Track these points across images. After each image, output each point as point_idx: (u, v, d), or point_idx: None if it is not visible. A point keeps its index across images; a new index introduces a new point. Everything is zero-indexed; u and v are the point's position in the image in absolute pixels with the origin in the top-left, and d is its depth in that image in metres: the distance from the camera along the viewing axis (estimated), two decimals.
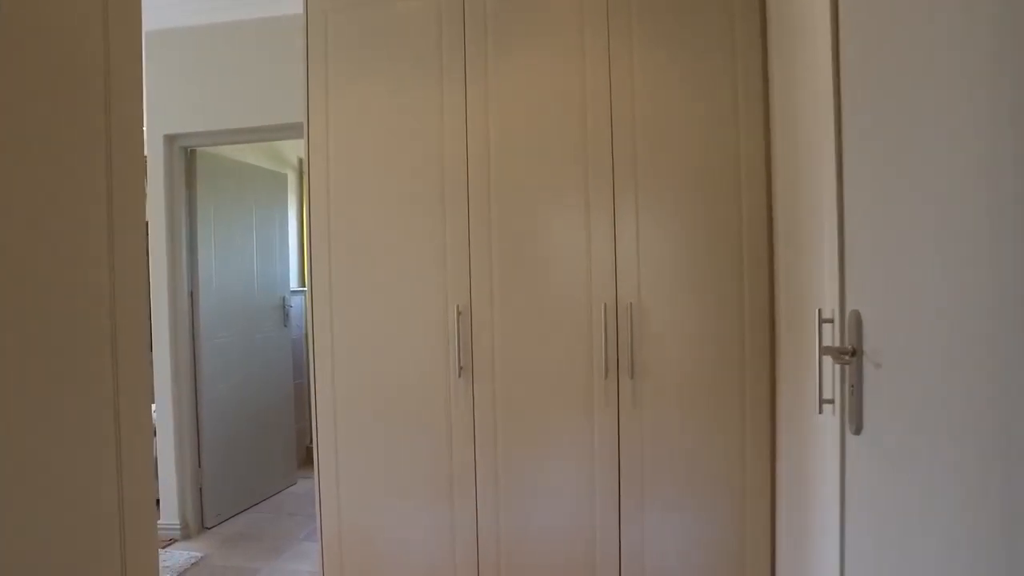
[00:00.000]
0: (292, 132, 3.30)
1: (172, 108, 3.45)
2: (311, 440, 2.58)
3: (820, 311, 1.54)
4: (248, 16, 3.36)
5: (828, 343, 1.52)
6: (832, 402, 1.51)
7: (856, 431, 1.03)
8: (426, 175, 2.39)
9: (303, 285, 4.92)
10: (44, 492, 0.76)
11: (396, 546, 2.43)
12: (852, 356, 1.02)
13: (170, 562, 3.11)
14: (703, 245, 2.20)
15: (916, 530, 0.88)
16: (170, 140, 3.48)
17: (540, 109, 2.30)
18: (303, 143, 2.52)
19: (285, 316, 4.47)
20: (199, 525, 3.59)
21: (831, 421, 1.50)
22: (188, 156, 3.58)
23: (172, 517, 3.47)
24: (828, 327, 1.53)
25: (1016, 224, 0.63)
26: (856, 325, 1.03)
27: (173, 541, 3.43)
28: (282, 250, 4.48)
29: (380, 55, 2.43)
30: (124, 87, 0.92)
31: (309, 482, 2.37)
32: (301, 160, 4.83)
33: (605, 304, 2.24)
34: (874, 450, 1.01)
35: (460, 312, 2.35)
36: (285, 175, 4.54)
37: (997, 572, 0.68)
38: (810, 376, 1.72)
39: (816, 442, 1.62)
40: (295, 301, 4.64)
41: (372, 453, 2.45)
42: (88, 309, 0.84)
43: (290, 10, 3.19)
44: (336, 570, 2.47)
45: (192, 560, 3.15)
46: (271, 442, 4.23)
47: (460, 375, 2.36)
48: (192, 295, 3.59)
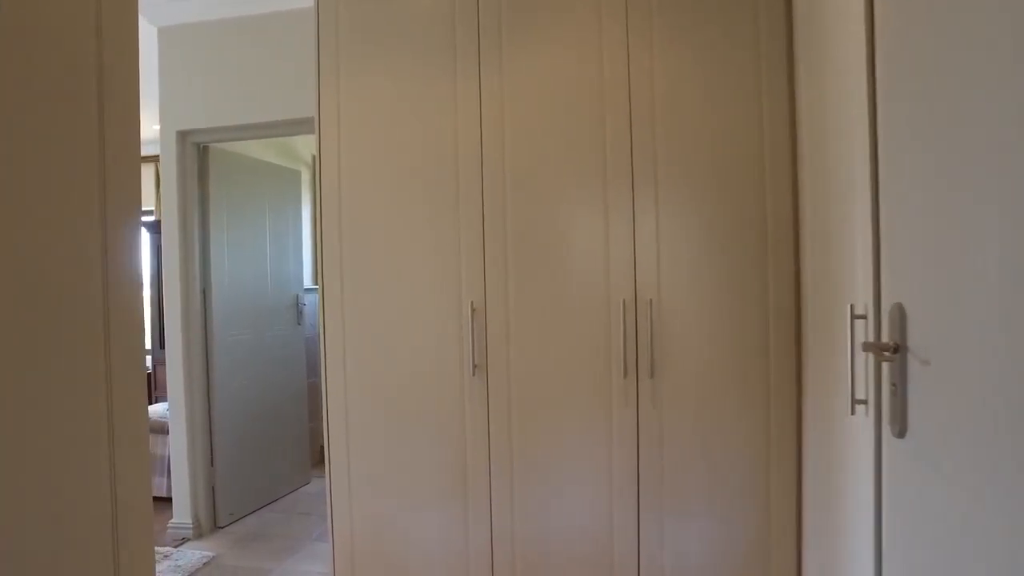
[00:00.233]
0: (304, 127, 3.27)
1: (185, 104, 3.43)
2: (325, 439, 2.53)
3: (852, 307, 1.47)
4: (260, 11, 3.33)
5: (861, 340, 1.45)
6: (865, 403, 1.44)
7: (899, 434, 0.96)
8: (440, 169, 2.33)
9: (317, 283, 4.89)
10: (26, 493, 0.73)
11: (409, 547, 2.37)
12: (894, 353, 0.95)
13: (182, 561, 3.08)
14: (726, 239, 2.12)
15: (966, 546, 0.81)
16: (183, 136, 3.46)
17: (556, 101, 2.24)
18: (315, 138, 2.48)
19: (299, 314, 4.44)
20: (212, 524, 3.57)
21: (864, 423, 1.42)
22: (201, 152, 3.56)
23: (184, 516, 3.45)
24: (861, 323, 1.46)
25: None
26: (899, 319, 0.95)
27: (185, 540, 3.41)
28: (295, 247, 4.45)
29: (392, 48, 2.38)
30: (118, 82, 0.89)
31: (323, 481, 2.35)
32: (314, 157, 4.80)
33: (624, 300, 2.17)
34: (920, 456, 0.94)
35: (474, 309, 2.29)
36: (299, 172, 4.51)
37: None
38: (840, 375, 1.64)
39: (848, 445, 1.54)
40: (309, 299, 4.61)
41: (384, 453, 2.40)
42: (79, 307, 0.81)
43: (302, 4, 3.15)
44: (348, 572, 2.42)
45: (204, 560, 3.12)
46: (284, 441, 4.20)
47: (474, 373, 2.30)
48: (205, 292, 3.57)
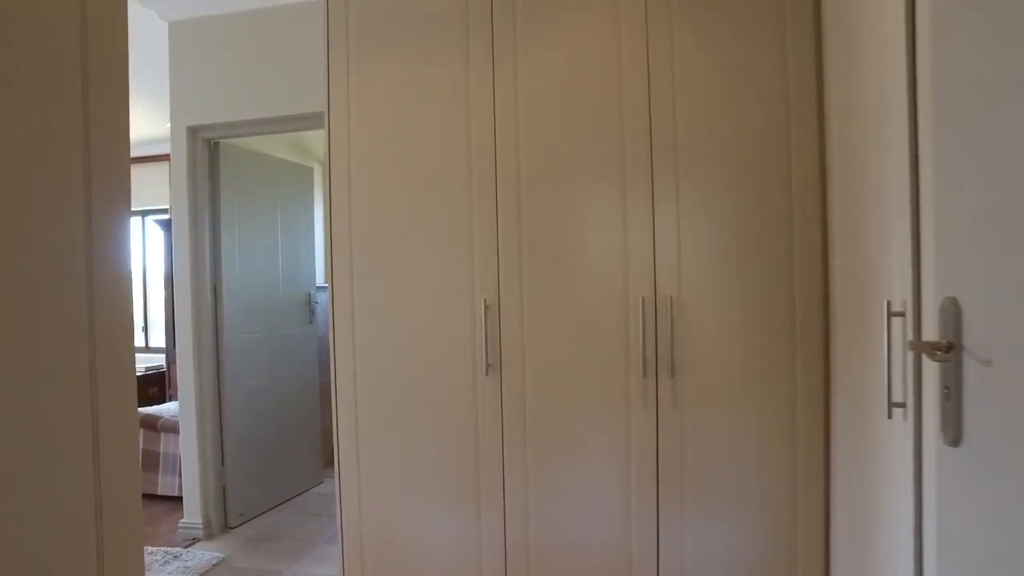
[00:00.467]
0: (316, 122, 3.21)
1: (195, 100, 3.39)
2: (334, 441, 2.47)
3: (889, 303, 1.37)
4: (271, 4, 3.28)
5: (899, 338, 1.36)
6: (903, 406, 1.35)
7: (952, 442, 0.86)
8: (452, 160, 2.26)
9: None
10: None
11: (420, 552, 2.30)
12: (947, 352, 0.86)
13: (192, 562, 3.04)
14: (750, 234, 2.03)
15: None
16: (193, 132, 3.42)
17: (572, 91, 2.15)
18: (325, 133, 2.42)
19: (311, 312, 4.39)
20: (222, 524, 3.52)
21: (903, 428, 1.33)
22: (211, 148, 3.51)
23: (195, 516, 3.41)
24: (898, 320, 1.37)
25: None
26: (953, 316, 0.86)
27: (196, 540, 3.37)
28: (308, 245, 4.41)
29: (403, 36, 2.31)
30: (104, 66, 0.84)
31: (334, 482, 2.32)
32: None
33: (643, 297, 2.09)
34: (978, 467, 0.84)
35: (487, 306, 2.21)
36: (311, 169, 4.46)
37: None
38: (874, 376, 1.55)
39: (884, 451, 1.44)
40: (321, 297, 4.56)
41: (395, 455, 2.33)
42: (60, 302, 0.76)
43: None
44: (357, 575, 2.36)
45: (214, 561, 3.08)
46: (296, 440, 4.16)
47: (487, 373, 2.22)
48: (215, 290, 3.52)
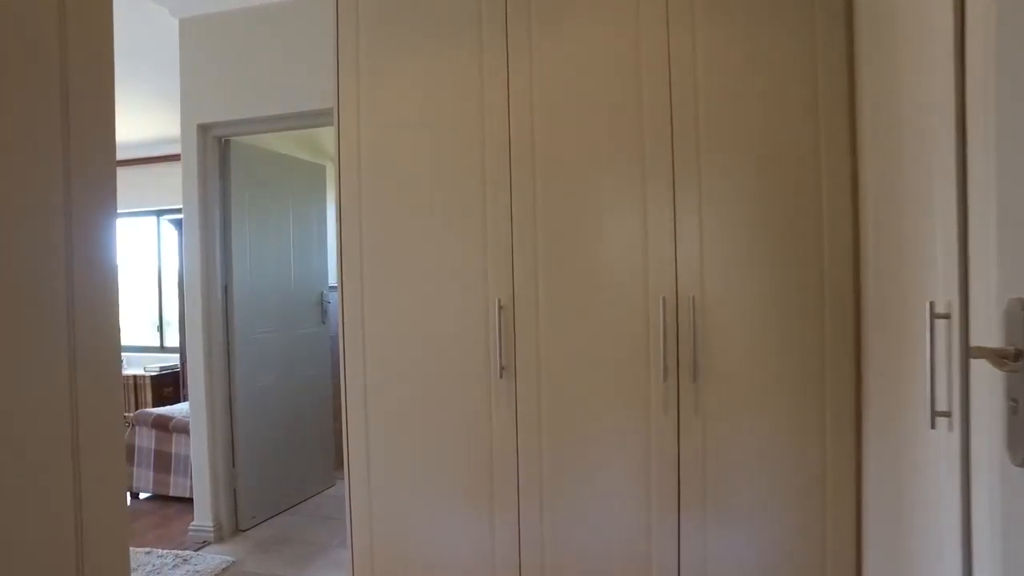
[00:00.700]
0: (327, 118, 3.15)
1: (206, 97, 3.34)
2: (344, 443, 2.40)
3: (932, 304, 1.28)
4: None
5: (942, 342, 1.27)
6: (948, 415, 1.26)
7: (1022, 462, 0.78)
8: (464, 155, 2.19)
9: None
10: None
11: (431, 559, 2.23)
12: (1016, 360, 0.77)
13: (201, 566, 2.99)
14: (777, 230, 1.93)
15: None
16: (203, 130, 3.37)
17: (590, 83, 2.07)
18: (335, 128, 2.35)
19: (323, 312, 4.35)
20: (233, 527, 3.48)
21: (948, 440, 1.24)
22: (222, 146, 3.47)
23: (205, 518, 3.37)
24: (942, 323, 1.28)
25: None
26: (1022, 319, 0.77)
27: (206, 543, 3.32)
28: (320, 244, 4.36)
29: (414, 30, 2.24)
30: (85, 55, 0.78)
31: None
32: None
33: (664, 298, 2.00)
34: None
35: (502, 306, 2.14)
36: (323, 167, 4.41)
37: None
38: (913, 382, 1.45)
39: (927, 465, 1.35)
40: (334, 297, 4.50)
41: (406, 459, 2.26)
42: (36, 304, 0.70)
43: None
44: None
45: (223, 564, 3.03)
46: (308, 442, 4.11)
47: (501, 376, 2.14)
48: (226, 289, 3.48)
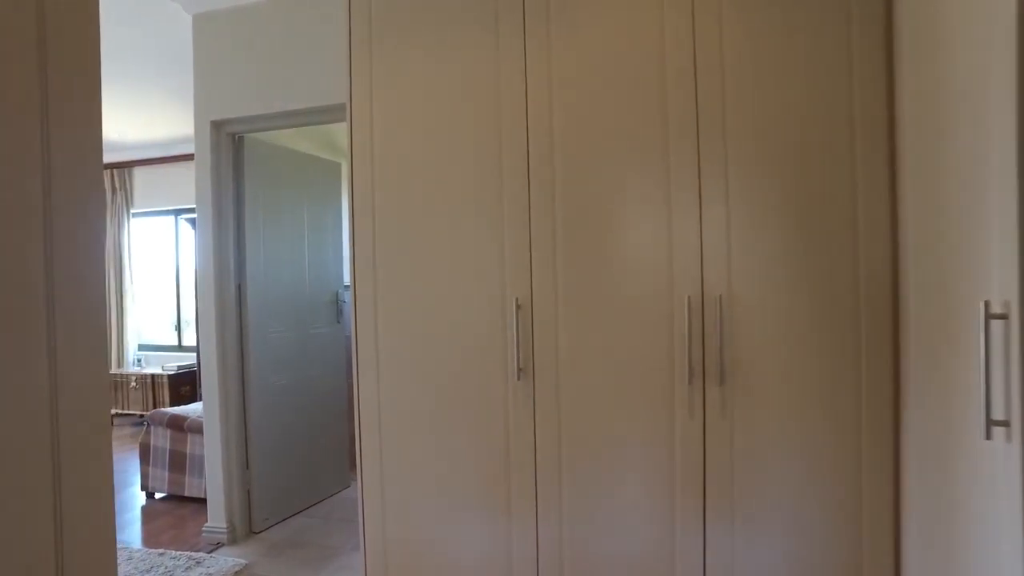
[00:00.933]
0: (342, 114, 3.10)
1: (219, 93, 3.30)
2: (356, 446, 2.34)
3: (987, 303, 1.18)
4: None
5: (999, 345, 1.18)
6: (1007, 425, 1.16)
7: None
8: (481, 149, 2.11)
9: None
10: None
11: (446, 563, 2.16)
12: None
13: (213, 568, 2.95)
14: (809, 225, 1.83)
15: None
16: (217, 126, 3.33)
17: (611, 73, 1.98)
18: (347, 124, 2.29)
19: (338, 312, 4.30)
20: (247, 529, 3.44)
21: (1007, 451, 1.14)
22: (236, 143, 3.42)
23: (219, 520, 3.33)
24: (998, 324, 1.18)
25: None
26: None
27: (220, 545, 3.28)
28: (335, 242, 4.31)
29: (428, 20, 2.17)
30: (67, 34, 0.73)
31: None
32: None
33: (689, 297, 1.91)
34: None
35: (519, 305, 2.06)
36: (338, 164, 4.36)
37: None
38: (962, 388, 1.35)
39: (980, 477, 1.25)
40: (349, 296, 4.46)
41: (420, 462, 2.19)
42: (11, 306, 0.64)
43: None
44: None
45: (236, 567, 2.98)
46: (323, 443, 4.06)
47: (519, 377, 2.07)
48: (240, 288, 3.44)
